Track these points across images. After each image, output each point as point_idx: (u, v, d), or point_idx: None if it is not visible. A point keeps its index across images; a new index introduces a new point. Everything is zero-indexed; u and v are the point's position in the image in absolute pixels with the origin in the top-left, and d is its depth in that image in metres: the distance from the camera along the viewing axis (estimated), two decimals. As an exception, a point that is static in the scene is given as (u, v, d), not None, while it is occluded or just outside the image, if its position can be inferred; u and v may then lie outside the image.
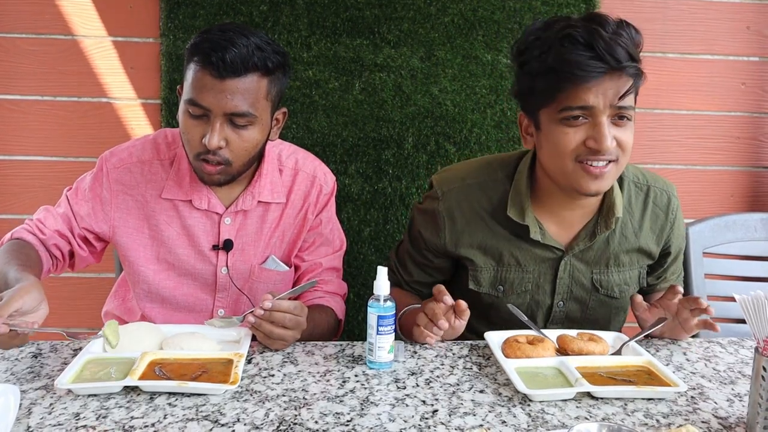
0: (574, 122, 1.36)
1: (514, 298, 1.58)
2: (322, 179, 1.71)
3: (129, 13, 2.33)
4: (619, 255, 1.57)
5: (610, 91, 1.33)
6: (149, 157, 1.63)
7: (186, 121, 1.48)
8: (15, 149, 2.37)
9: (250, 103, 1.45)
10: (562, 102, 1.35)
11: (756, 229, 2.07)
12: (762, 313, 1.12)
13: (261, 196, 1.63)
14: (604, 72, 1.31)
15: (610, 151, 1.35)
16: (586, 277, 1.57)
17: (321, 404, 1.19)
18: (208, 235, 1.63)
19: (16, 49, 2.32)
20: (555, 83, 1.34)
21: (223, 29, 1.45)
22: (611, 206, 1.50)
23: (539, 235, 1.51)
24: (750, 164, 2.59)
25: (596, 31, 1.30)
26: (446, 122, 2.40)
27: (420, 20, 2.35)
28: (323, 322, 1.63)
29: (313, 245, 1.72)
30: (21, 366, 1.33)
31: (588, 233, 1.53)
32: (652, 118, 2.53)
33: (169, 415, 1.14)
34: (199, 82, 1.43)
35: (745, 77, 2.54)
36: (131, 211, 1.62)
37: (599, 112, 1.34)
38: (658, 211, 1.59)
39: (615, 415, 1.18)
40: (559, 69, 1.32)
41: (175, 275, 1.65)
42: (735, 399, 1.26)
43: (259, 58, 1.43)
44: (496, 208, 1.54)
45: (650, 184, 1.60)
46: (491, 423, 1.14)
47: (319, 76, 2.34)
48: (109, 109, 2.36)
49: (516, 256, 1.55)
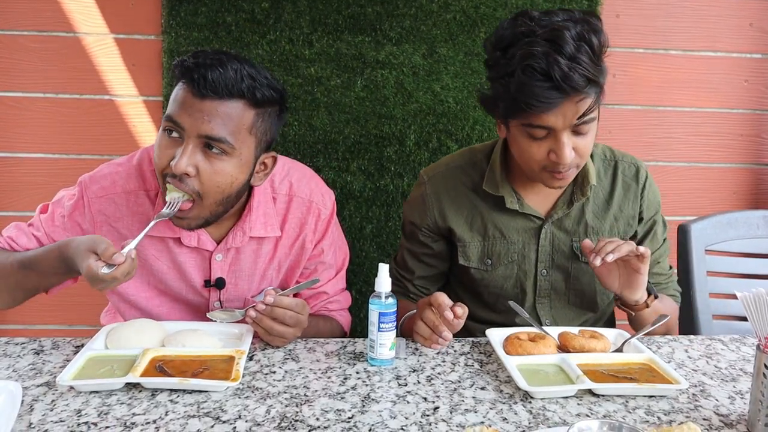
0: (538, 138, 1.43)
1: (502, 269, 1.64)
2: (320, 202, 1.60)
3: (131, 10, 2.33)
4: (596, 222, 1.63)
5: (569, 112, 1.38)
6: (134, 188, 1.51)
7: (161, 138, 1.38)
8: (17, 146, 2.37)
9: (230, 131, 1.35)
10: (525, 120, 1.41)
11: (758, 226, 2.07)
12: (764, 311, 1.11)
13: (252, 231, 1.52)
14: (562, 100, 1.36)
15: (570, 161, 1.43)
16: (566, 245, 1.63)
17: (322, 401, 1.19)
18: (199, 270, 1.54)
19: (18, 47, 2.32)
20: (517, 107, 1.39)
21: (218, 52, 1.38)
22: (585, 175, 1.58)
23: (516, 204, 1.60)
24: (752, 161, 2.59)
25: (554, 60, 1.33)
26: (448, 119, 2.39)
27: (422, 17, 2.35)
28: (326, 331, 1.61)
29: (315, 272, 1.64)
30: (23, 363, 1.33)
31: (565, 201, 1.61)
32: (654, 115, 2.52)
33: (171, 412, 1.14)
34: (179, 99, 1.35)
35: (748, 74, 2.53)
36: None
37: (559, 131, 1.40)
38: (628, 180, 1.66)
39: (616, 412, 1.18)
40: (519, 99, 1.37)
41: (167, 300, 1.59)
42: (736, 396, 1.26)
43: (247, 86, 1.34)
44: (476, 186, 1.64)
45: (618, 159, 1.67)
46: (492, 420, 1.14)
47: (321, 73, 2.34)
48: (111, 106, 2.37)
49: (499, 228, 1.63)
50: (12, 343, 1.43)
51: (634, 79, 2.49)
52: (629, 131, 2.52)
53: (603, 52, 1.40)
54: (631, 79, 2.49)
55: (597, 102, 1.41)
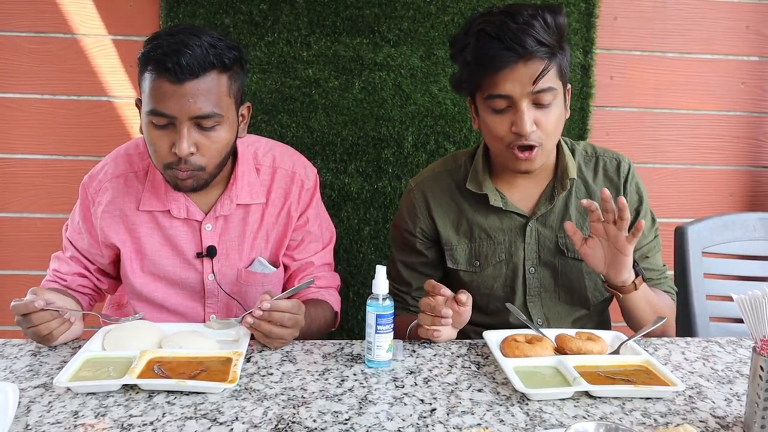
0: (500, 111, 1.47)
1: (491, 270, 1.65)
2: (303, 174, 1.68)
3: (129, 12, 2.33)
4: (580, 218, 1.64)
5: (525, 77, 1.42)
6: (123, 171, 1.61)
7: (151, 133, 1.44)
8: (15, 147, 2.37)
9: (214, 102, 1.42)
10: (486, 91, 1.47)
11: (755, 228, 2.07)
12: (760, 313, 1.12)
13: (239, 199, 1.60)
14: (515, 61, 1.42)
15: (531, 136, 1.46)
16: (551, 241, 1.64)
17: (319, 403, 1.19)
18: (191, 243, 1.61)
19: (15, 48, 2.32)
20: (475, 74, 1.47)
21: (171, 33, 1.42)
22: (564, 170, 1.61)
23: (500, 202, 1.62)
24: (749, 164, 2.59)
25: (505, 24, 1.41)
26: (446, 121, 2.40)
27: (420, 19, 2.35)
28: (320, 317, 1.63)
29: (302, 243, 1.70)
30: (20, 364, 1.33)
31: (547, 197, 1.63)
32: (651, 117, 2.53)
33: (168, 414, 1.14)
34: (158, 91, 1.40)
35: (744, 77, 2.54)
36: (112, 226, 1.60)
37: (518, 99, 1.44)
38: (610, 175, 1.67)
39: (613, 414, 1.18)
40: (475, 62, 1.45)
41: (163, 286, 1.64)
42: (733, 398, 1.26)
43: (214, 56, 1.41)
44: (460, 186, 1.67)
45: (599, 155, 1.69)
46: (489, 422, 1.14)
47: (318, 75, 2.34)
48: (109, 107, 2.36)
49: (485, 229, 1.64)
50: (9, 344, 1.43)
51: (631, 82, 2.50)
52: (626, 133, 2.52)
53: (560, 30, 1.45)
54: (628, 82, 2.50)
55: (553, 70, 1.44)
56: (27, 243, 2.40)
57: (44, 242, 2.38)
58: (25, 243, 2.40)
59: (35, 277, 2.36)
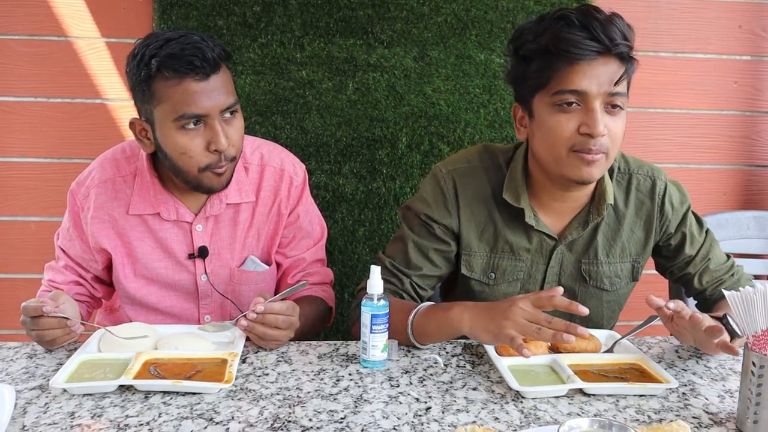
0: (568, 108, 1.36)
1: (505, 286, 1.57)
2: (291, 171, 1.68)
3: (122, 14, 2.32)
4: (606, 245, 1.55)
5: (603, 75, 1.34)
6: (111, 175, 1.60)
7: (180, 140, 1.43)
8: (9, 151, 2.36)
9: (231, 91, 1.48)
10: (556, 86, 1.36)
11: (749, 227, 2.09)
12: (751, 309, 1.13)
13: (229, 198, 1.60)
14: (598, 52, 1.33)
15: (601, 142, 1.35)
16: (574, 266, 1.56)
17: (315, 402, 1.20)
18: (182, 244, 1.61)
19: (8, 51, 2.31)
20: (549, 63, 1.35)
21: (169, 39, 1.41)
22: (602, 194, 1.50)
23: (533, 220, 1.50)
24: (742, 162, 2.60)
25: (591, 14, 1.33)
26: (440, 122, 2.40)
27: (413, 20, 2.36)
28: (314, 314, 1.64)
29: (293, 240, 1.70)
30: (16, 366, 1.33)
31: (581, 222, 1.52)
32: (645, 117, 2.53)
33: (164, 414, 1.14)
34: (185, 93, 1.40)
35: (737, 76, 2.55)
36: (102, 231, 1.60)
37: (592, 98, 1.34)
38: (642, 197, 1.56)
39: (607, 411, 1.19)
40: (554, 48, 1.33)
41: (156, 289, 1.64)
42: (726, 395, 1.27)
43: (220, 48, 1.44)
44: (496, 192, 1.54)
45: (632, 171, 1.57)
46: (484, 420, 1.15)
47: (312, 77, 2.35)
48: (103, 110, 2.36)
49: (510, 243, 1.54)
50: (5, 347, 1.43)
51: (625, 81, 2.50)
52: (620, 133, 2.53)
53: (632, 38, 1.38)
54: (622, 82, 2.50)
55: (629, 72, 1.37)
56: (22, 246, 2.40)
57: (39, 245, 2.37)
58: (20, 246, 2.40)
59: (30, 280, 2.37)
